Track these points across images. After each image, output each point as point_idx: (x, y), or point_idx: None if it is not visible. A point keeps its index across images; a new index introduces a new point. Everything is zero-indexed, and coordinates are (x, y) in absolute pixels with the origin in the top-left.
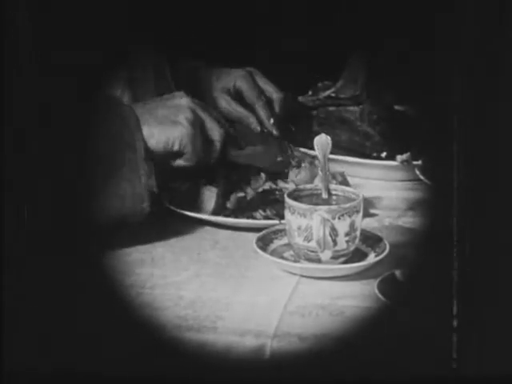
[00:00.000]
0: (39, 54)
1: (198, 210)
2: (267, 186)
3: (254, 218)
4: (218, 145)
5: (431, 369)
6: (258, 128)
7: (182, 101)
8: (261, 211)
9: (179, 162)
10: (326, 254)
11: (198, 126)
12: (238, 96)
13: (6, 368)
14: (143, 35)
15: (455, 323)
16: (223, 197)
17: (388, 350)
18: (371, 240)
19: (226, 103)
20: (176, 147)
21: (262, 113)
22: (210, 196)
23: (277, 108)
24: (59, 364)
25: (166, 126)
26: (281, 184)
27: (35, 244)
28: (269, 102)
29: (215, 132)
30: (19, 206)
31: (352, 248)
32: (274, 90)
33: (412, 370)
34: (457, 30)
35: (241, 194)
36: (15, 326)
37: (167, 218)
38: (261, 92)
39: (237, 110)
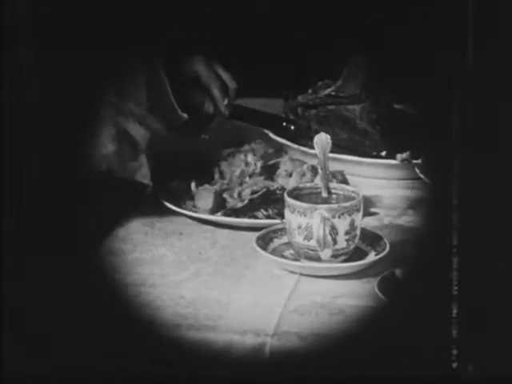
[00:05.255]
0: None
1: (196, 209)
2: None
3: (255, 217)
4: (142, 146)
5: (431, 368)
6: (211, 110)
7: (105, 115)
8: (262, 210)
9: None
10: (326, 253)
11: (122, 139)
12: (195, 82)
13: (6, 369)
14: (140, 41)
15: (455, 322)
16: (220, 196)
17: (388, 349)
18: (371, 239)
19: (183, 93)
20: (104, 167)
21: (217, 93)
22: (207, 195)
23: (231, 94)
24: (59, 364)
25: (96, 149)
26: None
27: (35, 244)
28: (225, 87)
29: (139, 136)
30: (19, 205)
31: (352, 247)
32: (231, 79)
33: (412, 370)
34: (457, 30)
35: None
36: (15, 327)
37: (167, 217)
38: (217, 76)
39: (192, 95)
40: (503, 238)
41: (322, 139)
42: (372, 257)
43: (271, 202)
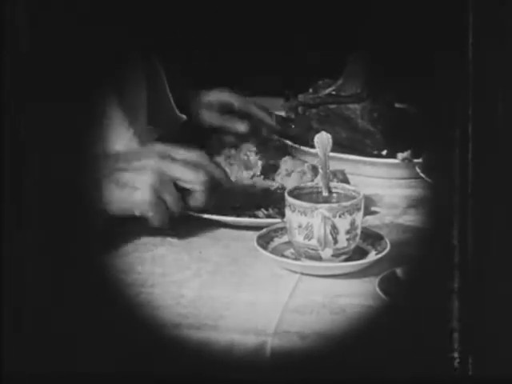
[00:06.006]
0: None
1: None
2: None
3: (256, 216)
4: (202, 193)
5: (431, 368)
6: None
7: (148, 162)
8: (263, 210)
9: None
10: (327, 252)
11: (162, 189)
12: (221, 111)
13: (6, 369)
14: (138, 41)
15: (456, 322)
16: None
17: (388, 349)
18: (372, 238)
19: (208, 116)
20: (136, 213)
21: (261, 113)
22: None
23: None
24: (59, 364)
25: (125, 193)
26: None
27: (35, 243)
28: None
29: (195, 182)
30: (19, 205)
31: (353, 246)
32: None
33: (412, 370)
34: (457, 29)
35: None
36: (15, 326)
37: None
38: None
39: (225, 120)
40: (504, 237)
41: (323, 138)
42: (373, 256)
43: (272, 201)
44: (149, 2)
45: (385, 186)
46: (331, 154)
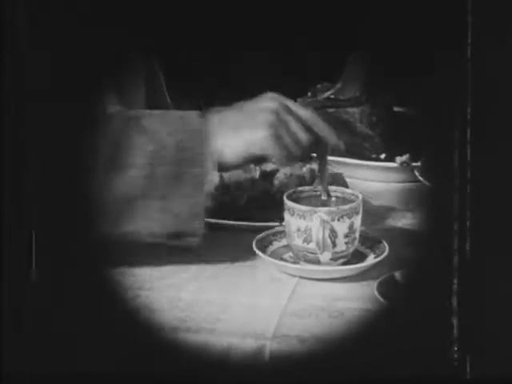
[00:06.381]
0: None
1: None
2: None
3: (255, 220)
4: (298, 150)
5: (431, 369)
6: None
7: (265, 104)
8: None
9: (270, 166)
10: (326, 256)
11: (281, 128)
12: None
13: (6, 369)
14: (138, 41)
15: (455, 324)
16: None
17: (387, 352)
18: (370, 241)
19: None
20: (257, 152)
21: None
22: None
23: None
24: (59, 364)
25: (243, 133)
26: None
27: (35, 244)
28: None
29: (298, 137)
30: (19, 205)
31: (351, 249)
32: None
33: (412, 370)
34: (457, 29)
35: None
36: (15, 326)
37: None
38: None
39: None
40: (503, 240)
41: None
42: (371, 259)
43: (271, 204)
44: (149, 2)
45: (383, 190)
46: (330, 157)
